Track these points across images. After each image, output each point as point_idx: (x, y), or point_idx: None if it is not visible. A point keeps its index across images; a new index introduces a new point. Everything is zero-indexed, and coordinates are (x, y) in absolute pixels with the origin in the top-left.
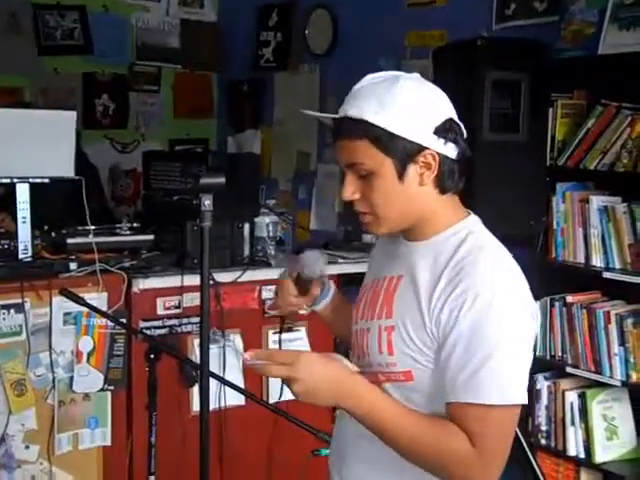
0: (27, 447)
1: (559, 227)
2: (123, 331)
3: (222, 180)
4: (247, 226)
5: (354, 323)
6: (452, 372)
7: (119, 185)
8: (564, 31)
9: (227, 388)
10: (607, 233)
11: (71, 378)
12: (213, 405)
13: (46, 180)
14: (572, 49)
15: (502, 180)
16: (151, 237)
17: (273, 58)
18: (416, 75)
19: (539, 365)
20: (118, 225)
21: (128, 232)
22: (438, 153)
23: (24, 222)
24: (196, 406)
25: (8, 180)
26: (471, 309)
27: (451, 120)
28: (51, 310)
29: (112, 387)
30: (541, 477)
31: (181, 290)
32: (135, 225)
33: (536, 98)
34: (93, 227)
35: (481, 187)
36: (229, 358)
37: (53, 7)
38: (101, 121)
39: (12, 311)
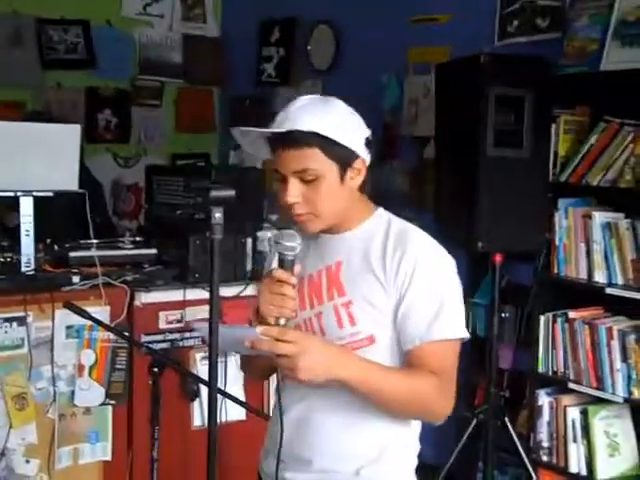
0: (27, 461)
1: (561, 243)
2: (125, 345)
3: (232, 193)
4: (249, 241)
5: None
6: (414, 321)
7: (121, 200)
8: (567, 47)
9: (228, 403)
10: (610, 249)
11: (72, 392)
12: None
13: (50, 194)
14: (575, 65)
15: (505, 195)
16: (154, 251)
17: (275, 74)
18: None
19: (541, 381)
20: (121, 239)
21: (131, 246)
22: (365, 161)
23: (27, 235)
24: (197, 420)
25: (12, 193)
26: (421, 270)
27: (370, 134)
28: (53, 323)
29: (113, 401)
30: None
31: (183, 304)
32: (138, 239)
33: (539, 114)
34: (96, 241)
35: (484, 202)
36: (230, 371)
37: (57, 22)
38: (103, 135)
39: (14, 324)
